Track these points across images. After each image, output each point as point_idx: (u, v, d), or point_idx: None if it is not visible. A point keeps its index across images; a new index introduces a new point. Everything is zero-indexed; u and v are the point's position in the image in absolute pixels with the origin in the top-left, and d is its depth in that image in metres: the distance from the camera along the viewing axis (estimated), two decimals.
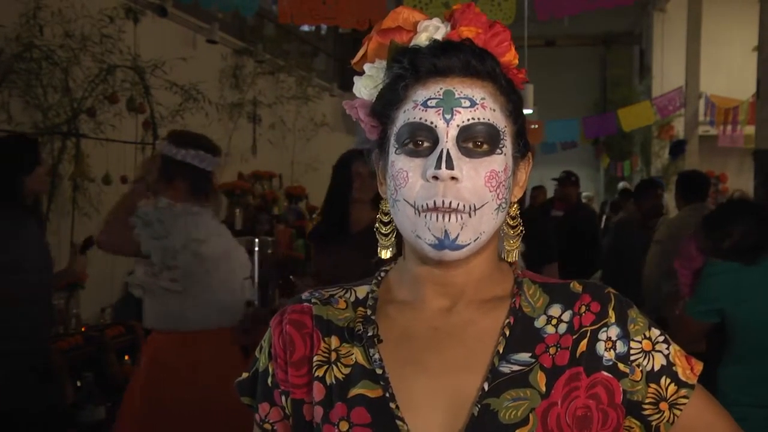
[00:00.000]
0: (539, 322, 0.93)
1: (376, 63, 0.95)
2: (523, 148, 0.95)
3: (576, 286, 0.96)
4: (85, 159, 4.55)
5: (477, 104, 0.88)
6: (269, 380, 0.97)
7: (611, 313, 0.92)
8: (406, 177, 0.87)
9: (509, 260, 0.97)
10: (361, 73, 0.97)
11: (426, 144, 0.87)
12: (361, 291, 0.99)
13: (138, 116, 5.00)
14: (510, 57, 0.93)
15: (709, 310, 2.47)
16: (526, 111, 7.98)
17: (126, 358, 4.38)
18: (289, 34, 8.31)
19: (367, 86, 0.95)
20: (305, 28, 9.49)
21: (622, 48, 15.69)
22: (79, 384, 3.89)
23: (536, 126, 9.04)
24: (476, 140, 0.87)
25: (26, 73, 4.15)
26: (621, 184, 12.26)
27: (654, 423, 0.92)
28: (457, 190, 0.85)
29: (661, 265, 4.44)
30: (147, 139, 5.10)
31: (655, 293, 4.49)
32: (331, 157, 3.60)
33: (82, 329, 4.37)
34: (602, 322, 0.92)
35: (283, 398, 0.95)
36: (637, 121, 9.72)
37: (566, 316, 0.93)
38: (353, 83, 0.98)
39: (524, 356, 0.90)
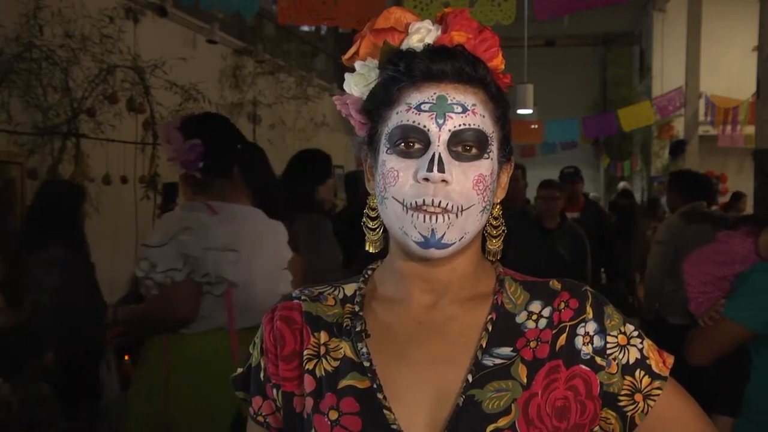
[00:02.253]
0: (520, 318, 0.97)
1: (368, 61, 0.97)
2: (507, 153, 0.99)
3: (555, 284, 1.00)
4: (85, 159, 4.56)
5: (468, 110, 0.92)
6: (261, 375, 1.01)
7: (589, 309, 0.97)
8: (397, 176, 0.91)
9: (492, 259, 1.01)
10: (352, 69, 0.99)
11: (418, 146, 0.91)
12: (349, 288, 1.03)
13: (138, 116, 5.00)
14: (497, 62, 0.97)
15: (760, 322, 2.26)
16: (526, 111, 7.98)
17: (126, 358, 4.38)
18: (289, 34, 8.31)
19: (358, 84, 0.98)
20: (305, 28, 9.49)
21: (622, 48, 15.69)
22: None
23: (536, 126, 9.03)
24: (466, 145, 0.91)
25: (26, 73, 4.15)
26: (621, 184, 12.26)
27: (629, 413, 0.97)
28: (446, 192, 0.89)
29: (663, 265, 4.44)
30: (147, 139, 5.10)
31: (656, 294, 4.50)
32: (331, 158, 3.64)
33: None
34: (580, 318, 0.97)
35: (275, 391, 1.00)
36: (637, 121, 9.72)
37: (546, 312, 0.97)
38: None
39: (506, 350, 0.94)
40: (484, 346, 0.93)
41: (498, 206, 0.99)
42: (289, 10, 2.99)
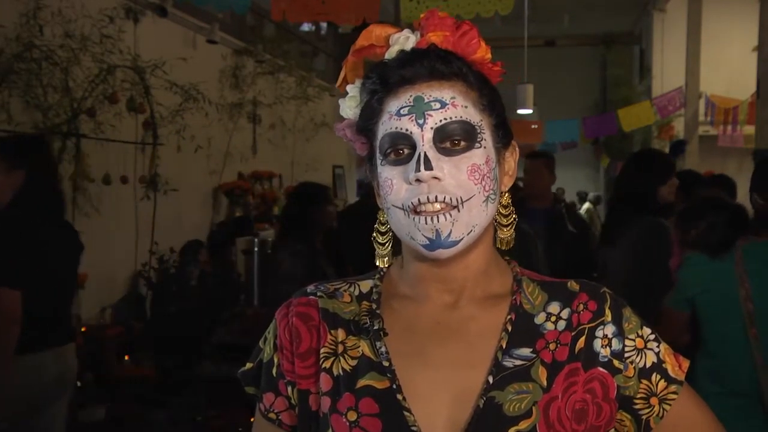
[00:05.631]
0: (539, 319, 0.96)
1: (357, 83, 0.98)
2: (503, 138, 0.97)
3: (573, 285, 0.99)
4: (85, 159, 4.56)
5: (447, 104, 0.90)
6: (274, 370, 0.99)
7: (607, 311, 0.97)
8: (392, 184, 0.91)
9: (503, 248, 1.00)
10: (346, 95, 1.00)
11: (406, 151, 0.91)
12: (365, 285, 1.02)
13: (138, 116, 5.00)
14: (482, 53, 0.95)
15: (682, 300, 2.55)
16: (526, 111, 7.97)
17: (126, 358, 4.39)
18: (289, 34, 8.30)
19: (350, 106, 0.99)
20: (305, 28, 9.49)
21: (622, 48, 15.66)
22: (79, 384, 3.89)
23: (536, 126, 9.02)
24: (453, 139, 0.90)
25: (26, 73, 4.15)
26: None
27: (644, 417, 0.96)
28: (441, 187, 0.88)
29: None
30: (147, 139, 5.10)
31: None
32: (331, 157, 3.62)
33: (82, 329, 4.37)
34: (599, 321, 0.96)
35: (289, 388, 0.98)
36: (637, 121, 9.71)
37: (565, 314, 0.97)
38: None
39: (525, 351, 0.93)
40: (504, 346, 0.93)
41: (507, 194, 0.98)
42: (283, 6, 2.96)
